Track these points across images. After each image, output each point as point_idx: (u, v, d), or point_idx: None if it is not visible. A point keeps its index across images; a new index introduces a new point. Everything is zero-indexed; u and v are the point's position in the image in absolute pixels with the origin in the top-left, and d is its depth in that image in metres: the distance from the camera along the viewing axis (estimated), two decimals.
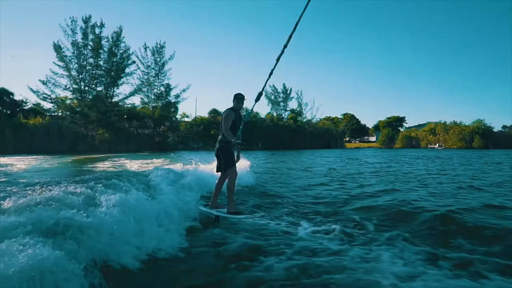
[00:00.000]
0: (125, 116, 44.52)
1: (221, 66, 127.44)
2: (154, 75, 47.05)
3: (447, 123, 68.02)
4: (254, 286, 2.62)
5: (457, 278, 2.71)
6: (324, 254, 3.28)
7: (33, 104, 41.04)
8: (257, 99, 4.53)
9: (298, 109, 67.08)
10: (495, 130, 64.05)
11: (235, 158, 4.70)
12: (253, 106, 4.78)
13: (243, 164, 8.23)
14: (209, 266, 3.06)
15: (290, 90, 65.92)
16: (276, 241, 3.70)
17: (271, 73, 4.37)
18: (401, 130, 79.34)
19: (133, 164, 14.78)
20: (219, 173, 4.84)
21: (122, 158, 20.27)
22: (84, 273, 2.13)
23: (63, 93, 40.86)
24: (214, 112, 55.80)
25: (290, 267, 2.94)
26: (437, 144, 64.87)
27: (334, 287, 2.57)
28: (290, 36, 4.09)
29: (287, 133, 59.75)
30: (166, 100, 47.86)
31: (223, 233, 4.06)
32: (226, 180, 4.66)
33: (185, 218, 4.38)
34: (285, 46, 4.17)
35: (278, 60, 4.24)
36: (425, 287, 2.53)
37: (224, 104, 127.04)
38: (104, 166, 14.95)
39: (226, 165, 4.54)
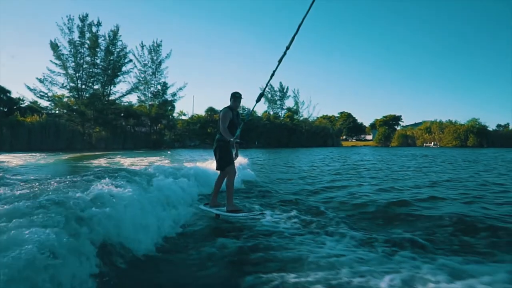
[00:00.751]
0: (122, 114, 44.89)
1: (219, 64, 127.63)
2: (151, 73, 47.47)
3: (442, 122, 68.56)
4: (208, 259, 3.06)
5: (382, 255, 3.18)
6: (276, 236, 3.75)
7: (30, 102, 41.43)
8: (258, 100, 4.62)
9: (294, 108, 67.54)
10: (490, 129, 64.62)
11: (233, 156, 4.73)
12: (254, 107, 4.82)
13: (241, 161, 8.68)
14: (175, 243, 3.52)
15: (287, 88, 66.36)
16: (240, 225, 4.16)
17: (272, 74, 4.36)
18: (397, 128, 79.92)
19: (128, 162, 15.18)
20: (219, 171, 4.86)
21: (118, 156, 20.64)
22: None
23: (60, 91, 41.31)
24: (210, 110, 56.14)
25: (243, 246, 3.38)
26: (433, 143, 65.36)
27: (274, 260, 3.01)
28: (293, 38, 4.04)
29: (283, 132, 60.17)
30: (163, 98, 48.24)
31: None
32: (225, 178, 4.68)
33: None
34: (287, 48, 4.12)
35: (280, 61, 4.21)
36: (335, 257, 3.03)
37: (222, 102, 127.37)
38: (99, 162, 15.33)
39: (225, 164, 4.56)
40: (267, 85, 4.79)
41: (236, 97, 4.64)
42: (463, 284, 2.42)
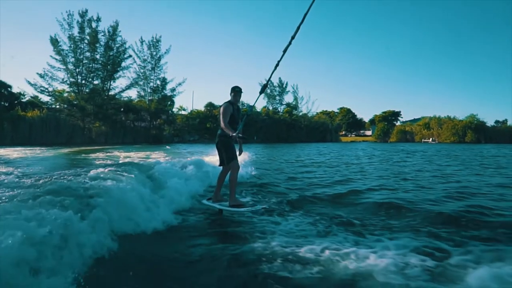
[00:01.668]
0: (121, 109, 45.35)
1: (218, 59, 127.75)
2: (150, 68, 47.78)
3: (441, 118, 68.78)
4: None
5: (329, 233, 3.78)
6: (245, 219, 4.31)
7: (31, 97, 41.85)
8: (262, 91, 4.59)
9: (294, 103, 67.73)
10: (488, 125, 64.85)
11: (237, 152, 4.73)
12: (258, 98, 4.78)
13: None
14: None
15: (286, 84, 66.47)
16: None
17: (277, 65, 4.29)
18: (397, 124, 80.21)
19: (125, 155, 15.67)
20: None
21: (118, 150, 21.14)
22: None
23: (60, 86, 41.68)
24: (210, 105, 56.50)
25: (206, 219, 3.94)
26: (431, 139, 65.66)
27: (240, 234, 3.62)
28: (298, 28, 3.96)
29: (282, 127, 60.54)
30: (162, 93, 48.63)
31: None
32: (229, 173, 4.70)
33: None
34: (292, 38, 4.04)
35: (285, 51, 4.13)
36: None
37: (221, 97, 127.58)
38: (96, 156, 15.82)
39: (228, 159, 4.55)
40: (271, 75, 4.68)
41: (236, 91, 4.60)
42: (364, 252, 3.01)
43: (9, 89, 40.16)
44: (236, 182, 4.61)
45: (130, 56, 45.73)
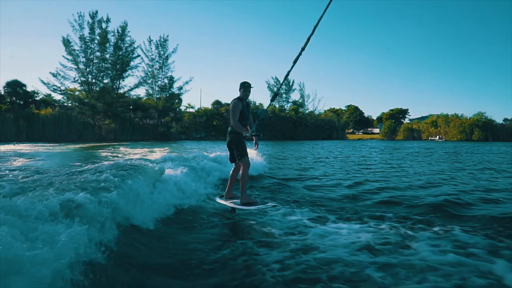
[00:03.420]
0: (130, 107, 46.71)
1: (225, 57, 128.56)
2: (158, 67, 48.94)
3: (448, 116, 68.12)
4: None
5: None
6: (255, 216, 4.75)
7: (44, 95, 43.57)
8: (273, 99, 4.77)
9: (300, 101, 68.12)
10: (496, 123, 63.89)
11: (254, 146, 4.83)
12: (268, 106, 4.94)
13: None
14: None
15: (293, 82, 66.75)
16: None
17: (287, 75, 4.39)
18: (404, 122, 79.74)
19: (134, 152, 16.71)
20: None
21: (125, 147, 22.24)
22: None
23: (72, 85, 43.17)
24: (217, 103, 57.52)
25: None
26: (438, 137, 65.16)
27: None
28: (308, 39, 3.99)
29: (288, 124, 61.12)
30: (170, 91, 49.81)
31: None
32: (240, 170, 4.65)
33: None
34: (302, 49, 4.06)
35: (295, 62, 4.16)
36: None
37: (229, 94, 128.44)
38: (107, 153, 16.92)
39: (239, 155, 4.51)
40: (281, 84, 5.31)
41: (245, 86, 4.55)
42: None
43: (24, 88, 41.85)
44: (247, 178, 4.58)
45: (139, 55, 47.03)
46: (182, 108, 55.33)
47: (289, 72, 4.27)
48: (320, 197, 6.00)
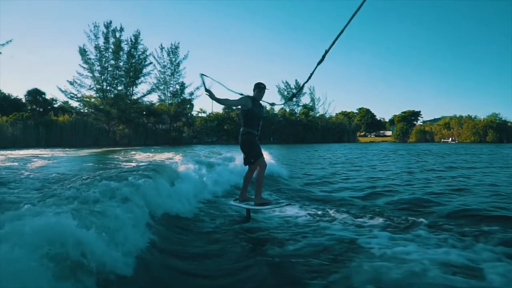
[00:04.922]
0: (143, 113, 48.10)
1: (238, 62, 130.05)
2: (169, 74, 50.16)
3: (462, 117, 67.20)
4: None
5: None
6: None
7: (62, 103, 45.40)
8: (290, 99, 5.44)
9: (310, 104, 68.42)
10: (511, 124, 62.58)
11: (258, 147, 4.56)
12: (284, 105, 5.50)
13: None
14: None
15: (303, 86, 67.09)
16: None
17: (310, 77, 4.26)
18: (417, 124, 78.95)
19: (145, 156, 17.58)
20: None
21: (138, 152, 23.18)
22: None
23: (88, 93, 44.79)
24: (227, 107, 58.47)
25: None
26: (450, 139, 64.29)
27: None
28: (334, 42, 3.87)
29: (298, 128, 61.52)
30: (181, 97, 51.00)
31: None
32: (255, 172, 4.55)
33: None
34: (326, 52, 3.95)
35: (318, 64, 4.05)
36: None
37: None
38: (119, 157, 17.83)
39: (254, 156, 4.40)
40: (303, 86, 5.55)
41: (260, 87, 4.43)
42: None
43: (43, 96, 43.80)
44: (263, 180, 4.45)
45: (151, 63, 48.30)
46: (194, 113, 56.61)
47: (311, 74, 4.17)
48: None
